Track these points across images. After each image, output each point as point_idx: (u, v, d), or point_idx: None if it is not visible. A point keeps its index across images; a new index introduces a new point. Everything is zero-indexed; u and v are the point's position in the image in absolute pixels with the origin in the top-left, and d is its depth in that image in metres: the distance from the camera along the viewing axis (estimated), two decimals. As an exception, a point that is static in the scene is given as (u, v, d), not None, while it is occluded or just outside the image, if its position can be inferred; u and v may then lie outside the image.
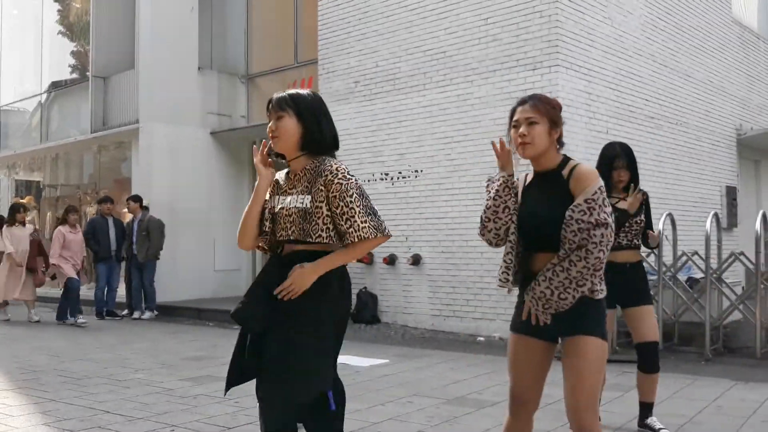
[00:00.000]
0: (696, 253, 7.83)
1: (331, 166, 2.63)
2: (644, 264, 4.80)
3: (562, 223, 2.60)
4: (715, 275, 7.43)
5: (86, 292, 13.88)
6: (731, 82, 12.11)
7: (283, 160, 2.81)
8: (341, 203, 2.58)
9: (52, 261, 10.08)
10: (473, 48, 8.86)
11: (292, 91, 2.78)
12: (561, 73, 8.17)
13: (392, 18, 9.68)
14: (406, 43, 9.50)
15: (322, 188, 2.61)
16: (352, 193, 2.59)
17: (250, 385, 2.75)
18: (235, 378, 2.72)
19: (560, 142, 2.79)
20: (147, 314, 10.96)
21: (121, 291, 11.55)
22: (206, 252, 12.28)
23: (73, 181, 15.38)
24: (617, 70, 9.15)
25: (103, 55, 12.93)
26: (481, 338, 8.42)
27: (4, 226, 10.36)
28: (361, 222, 2.57)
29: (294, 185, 2.71)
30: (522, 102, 2.80)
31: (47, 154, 15.40)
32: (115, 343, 8.21)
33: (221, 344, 8.21)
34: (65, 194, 15.41)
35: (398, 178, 9.45)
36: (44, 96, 15.31)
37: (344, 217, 2.58)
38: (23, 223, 10.47)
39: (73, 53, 15.15)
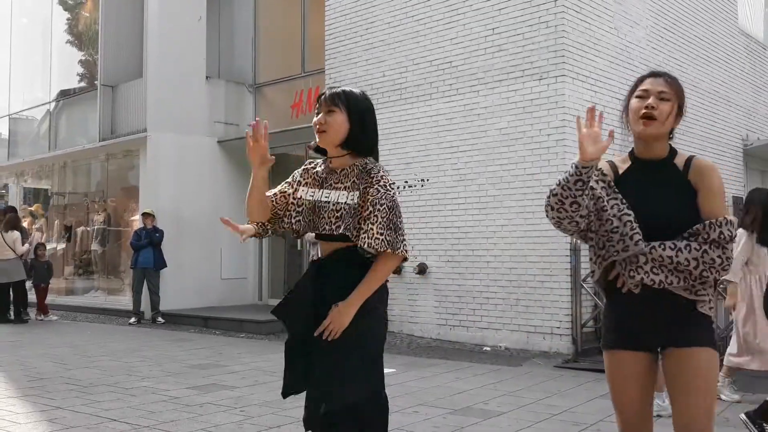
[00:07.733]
0: (702, 263, 7.79)
1: (378, 171, 2.63)
2: None
3: (686, 220, 2.35)
4: (721, 286, 7.41)
5: (92, 299, 14.00)
6: (737, 93, 12.10)
7: (324, 156, 2.76)
8: (370, 207, 2.56)
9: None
10: (479, 58, 8.89)
11: (347, 88, 2.73)
12: (567, 84, 8.19)
13: (399, 28, 9.73)
14: (413, 53, 9.54)
15: (365, 188, 2.61)
16: (384, 204, 2.56)
17: (255, 394, 2.76)
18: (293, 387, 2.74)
19: (672, 133, 2.54)
20: None
21: (127, 298, 11.59)
22: (213, 260, 12.30)
23: (81, 189, 15.44)
24: (623, 81, 9.15)
25: (112, 63, 13.03)
26: (487, 348, 8.41)
27: None
28: (377, 232, 2.52)
29: (340, 180, 2.68)
30: (655, 75, 2.51)
31: (55, 162, 15.49)
32: (121, 351, 8.23)
33: (227, 353, 8.23)
34: (73, 202, 15.49)
35: (404, 187, 9.47)
36: (53, 104, 15.42)
37: (365, 222, 2.56)
38: None
39: (81, 62, 15.24)
